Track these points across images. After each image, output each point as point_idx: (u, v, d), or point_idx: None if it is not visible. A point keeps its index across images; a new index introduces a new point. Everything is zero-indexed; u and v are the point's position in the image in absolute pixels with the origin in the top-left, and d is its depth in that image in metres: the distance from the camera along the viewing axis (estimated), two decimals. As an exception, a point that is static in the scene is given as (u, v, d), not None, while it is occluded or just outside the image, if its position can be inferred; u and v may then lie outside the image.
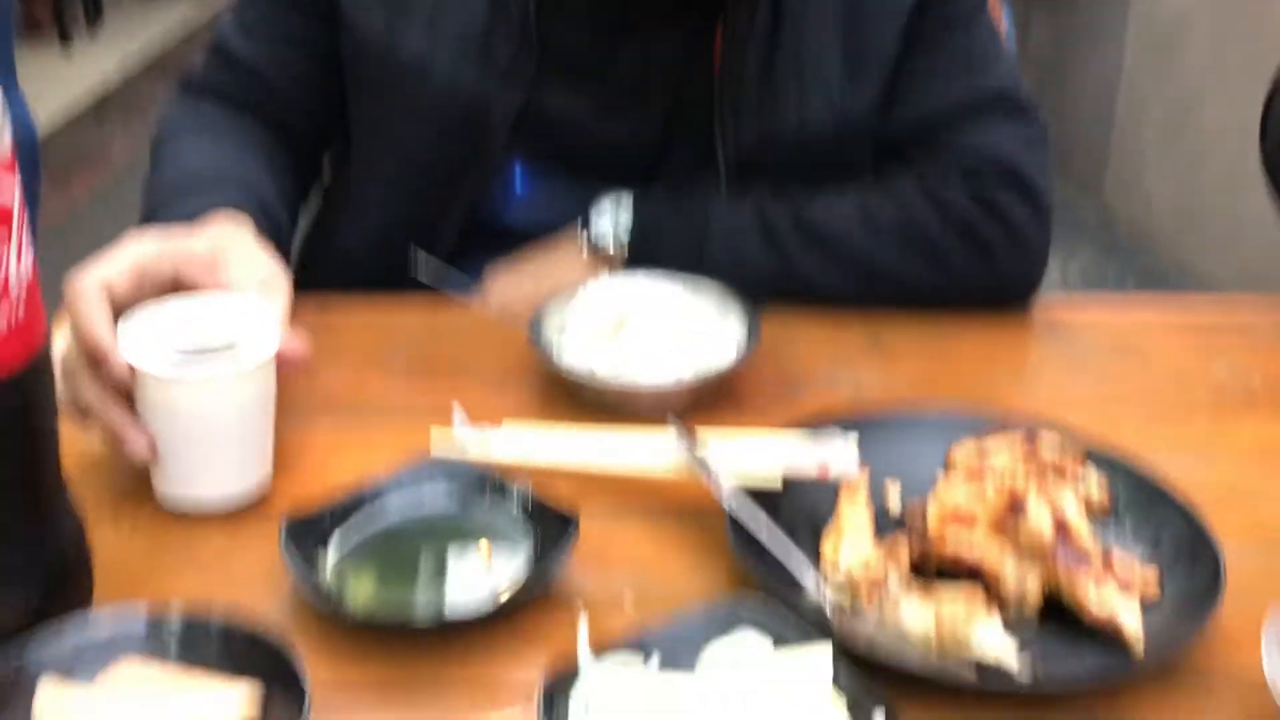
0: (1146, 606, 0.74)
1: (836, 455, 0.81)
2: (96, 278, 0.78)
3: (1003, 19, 3.26)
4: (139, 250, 0.82)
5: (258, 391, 0.82)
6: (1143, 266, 3.22)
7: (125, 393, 0.79)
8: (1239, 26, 2.90)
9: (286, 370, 0.83)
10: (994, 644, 0.69)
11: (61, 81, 4.40)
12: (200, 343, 0.82)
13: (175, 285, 0.84)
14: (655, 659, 0.68)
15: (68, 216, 2.98)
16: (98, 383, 0.77)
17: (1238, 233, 2.70)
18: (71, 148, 3.87)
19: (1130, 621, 0.70)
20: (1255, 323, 0.97)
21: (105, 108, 4.47)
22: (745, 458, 0.80)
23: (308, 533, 0.77)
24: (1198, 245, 3.02)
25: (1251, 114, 1.06)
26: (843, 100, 0.84)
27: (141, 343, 0.80)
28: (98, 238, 0.89)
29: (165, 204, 0.93)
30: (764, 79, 0.83)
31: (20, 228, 0.62)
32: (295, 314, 0.89)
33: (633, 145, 0.87)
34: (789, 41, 0.81)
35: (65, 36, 4.85)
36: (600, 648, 0.68)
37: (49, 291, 0.65)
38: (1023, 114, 0.87)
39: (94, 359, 0.76)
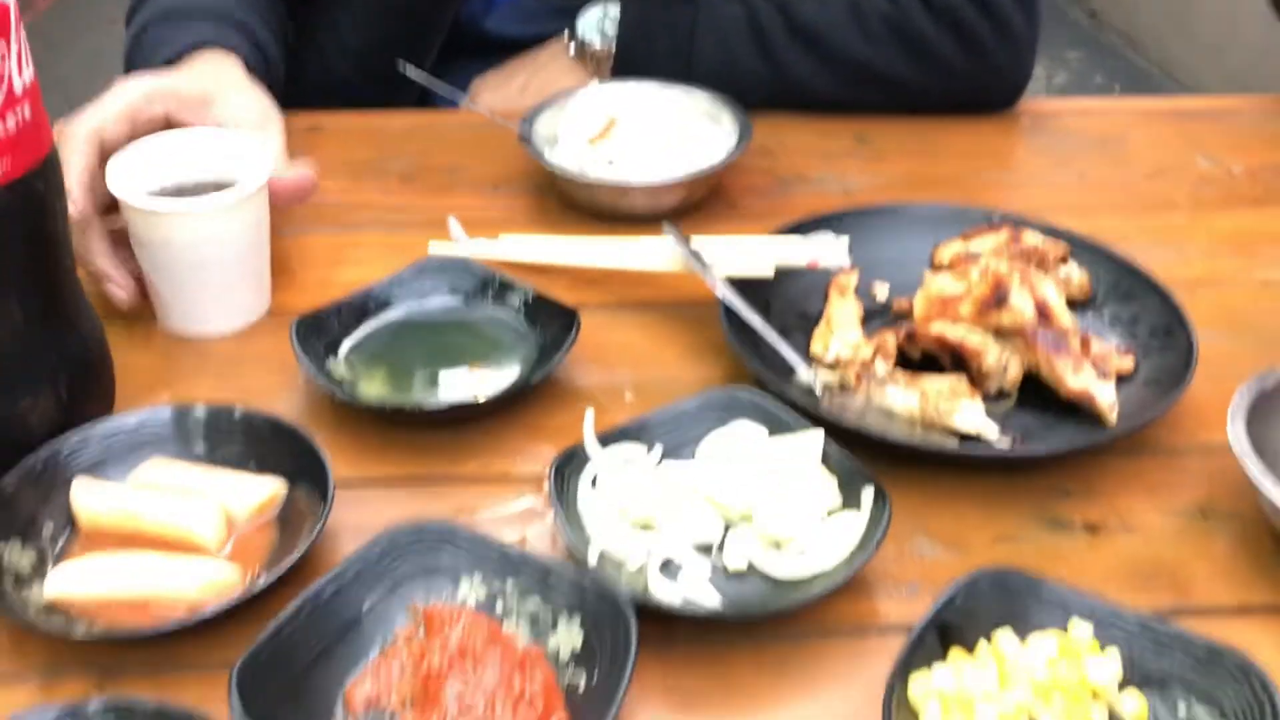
0: (1121, 385, 0.78)
1: (826, 250, 0.83)
2: (88, 125, 0.78)
3: None
4: (129, 94, 0.81)
5: (249, 222, 0.83)
6: (1131, 71, 3.16)
7: (113, 237, 0.80)
8: None
9: (292, 201, 0.84)
10: (974, 419, 0.73)
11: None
12: (190, 177, 0.83)
13: (167, 127, 0.84)
14: (658, 449, 0.72)
15: (30, 27, 2.90)
16: (78, 227, 0.78)
17: (1228, 35, 2.61)
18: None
19: (1104, 394, 0.74)
20: (1237, 115, 0.98)
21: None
22: (738, 254, 0.83)
23: (317, 333, 0.79)
24: (1186, 49, 2.95)
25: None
26: None
27: (131, 178, 0.81)
28: (64, 49, 0.88)
29: (151, 42, 0.91)
30: None
31: (19, 36, 0.62)
32: (288, 130, 0.89)
33: None
34: None
35: None
36: (605, 438, 0.71)
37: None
38: None
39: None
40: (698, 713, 0.61)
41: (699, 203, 0.93)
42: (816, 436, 0.70)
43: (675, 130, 0.86)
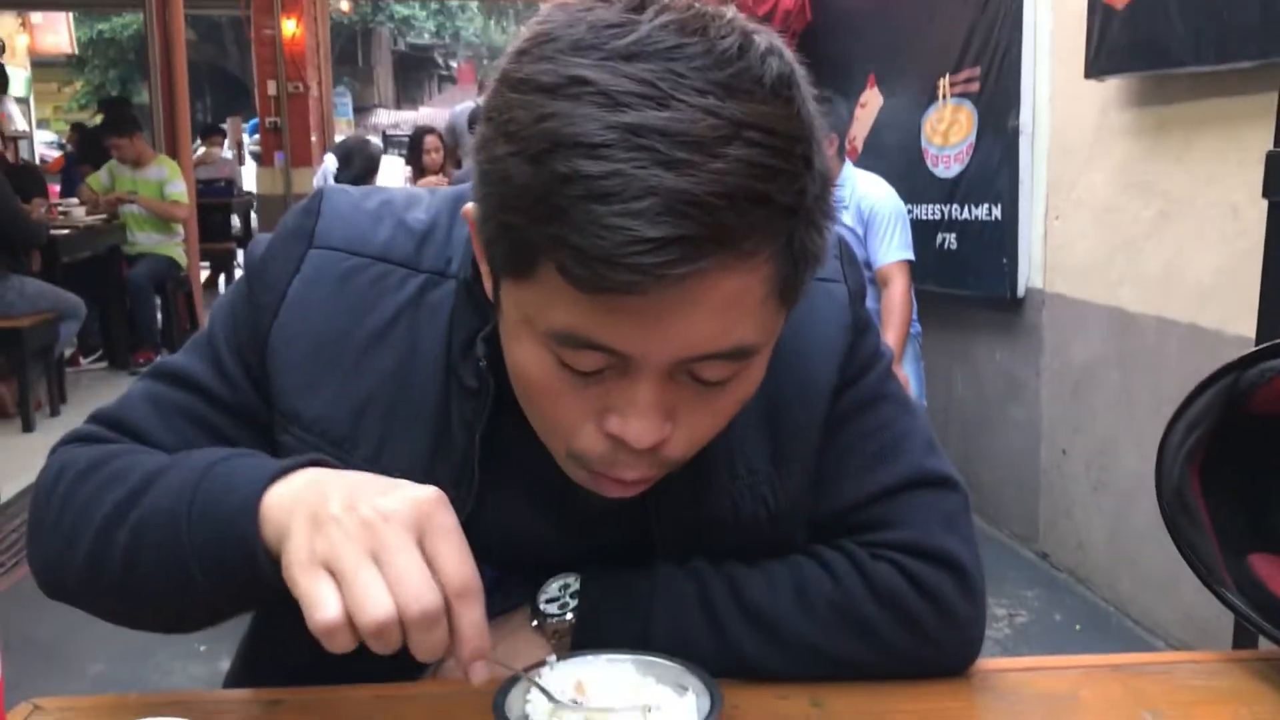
0: None
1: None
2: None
3: (908, 377, 3.11)
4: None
5: None
6: (1088, 608, 3.00)
7: None
8: (1144, 375, 2.75)
9: None
10: None
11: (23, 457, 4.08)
12: None
13: None
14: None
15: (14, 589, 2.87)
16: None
17: (1172, 574, 2.50)
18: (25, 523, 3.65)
19: None
20: (1180, 670, 0.97)
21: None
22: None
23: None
24: (1137, 588, 2.85)
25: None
26: (773, 494, 0.82)
27: None
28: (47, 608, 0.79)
29: (240, 481, 0.70)
30: (695, 480, 0.82)
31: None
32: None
33: (566, 543, 0.86)
34: (718, 442, 0.76)
35: (28, 427, 4.71)
36: None
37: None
38: (940, 487, 0.85)
39: None
40: None
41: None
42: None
43: (644, 702, 0.85)
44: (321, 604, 0.61)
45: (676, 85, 0.59)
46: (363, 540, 0.62)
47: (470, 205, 0.69)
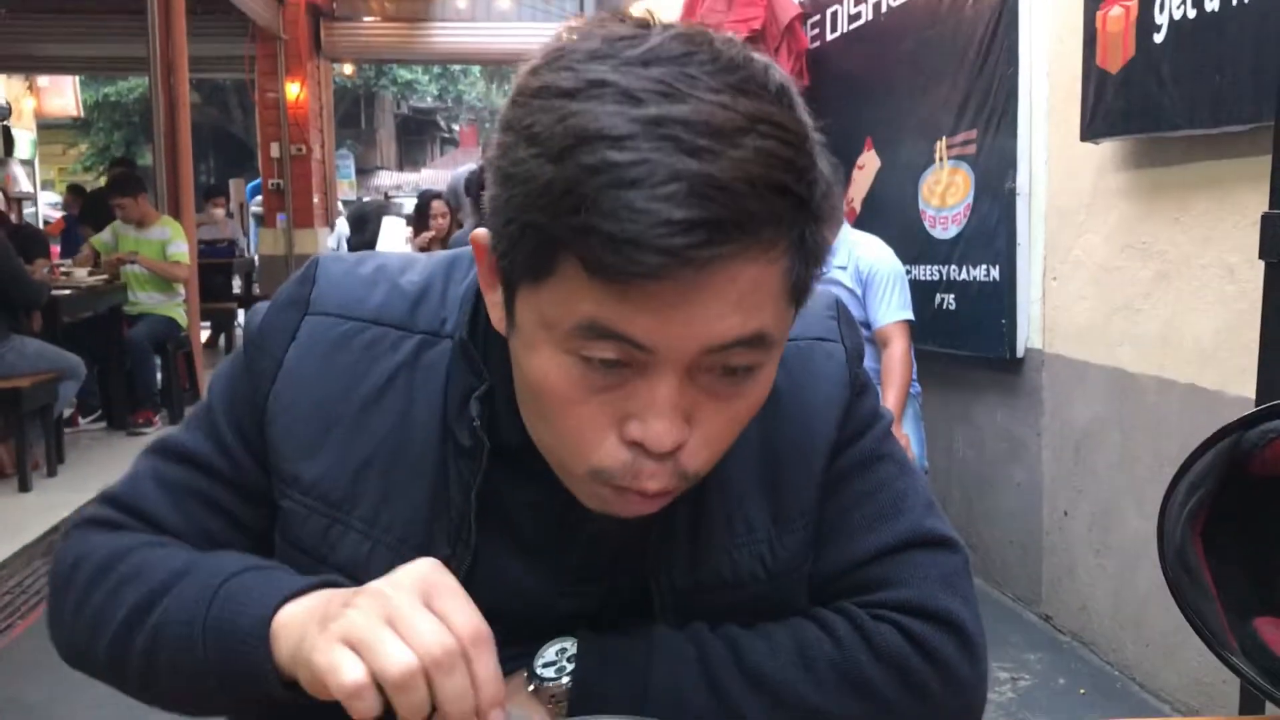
0: None
1: None
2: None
3: (909, 439, 3.08)
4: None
5: None
6: (1092, 671, 2.94)
7: None
8: (1145, 436, 2.75)
9: None
10: None
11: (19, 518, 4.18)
12: None
13: None
14: None
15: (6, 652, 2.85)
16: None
17: (1178, 638, 2.50)
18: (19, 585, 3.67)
19: None
20: None
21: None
22: None
23: None
24: (1140, 651, 2.81)
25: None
26: (771, 553, 0.84)
27: None
28: (37, 671, 0.79)
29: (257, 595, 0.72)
30: (694, 537, 0.82)
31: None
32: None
33: (562, 600, 0.85)
34: (717, 499, 0.78)
35: (25, 488, 4.67)
36: None
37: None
38: (940, 548, 0.84)
39: None
40: None
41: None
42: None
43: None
44: (344, 668, 0.62)
45: (692, 85, 0.61)
46: (374, 610, 0.64)
47: (480, 231, 0.70)
